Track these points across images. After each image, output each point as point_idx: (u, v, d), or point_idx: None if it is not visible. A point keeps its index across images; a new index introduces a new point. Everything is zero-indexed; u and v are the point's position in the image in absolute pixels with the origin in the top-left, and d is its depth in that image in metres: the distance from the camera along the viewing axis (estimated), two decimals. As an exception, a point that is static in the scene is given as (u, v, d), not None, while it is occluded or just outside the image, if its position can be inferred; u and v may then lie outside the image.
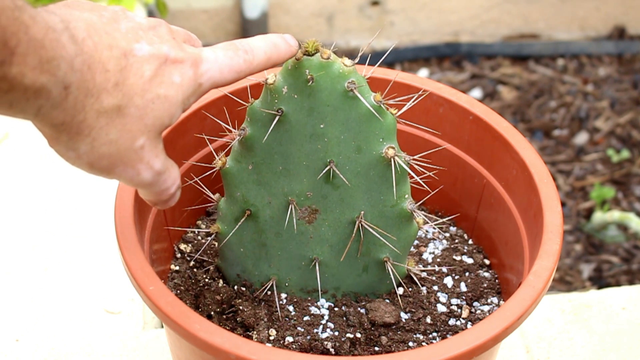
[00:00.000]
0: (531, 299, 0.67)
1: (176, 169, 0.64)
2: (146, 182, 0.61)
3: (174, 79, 0.59)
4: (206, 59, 0.62)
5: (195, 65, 0.61)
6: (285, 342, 0.75)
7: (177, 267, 0.81)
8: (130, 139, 0.58)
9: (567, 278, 1.54)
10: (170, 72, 0.59)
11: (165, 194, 0.64)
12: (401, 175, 0.73)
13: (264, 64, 0.65)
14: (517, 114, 1.86)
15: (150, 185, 0.62)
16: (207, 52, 0.62)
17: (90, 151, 0.57)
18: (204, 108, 0.81)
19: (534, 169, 0.77)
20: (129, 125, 0.57)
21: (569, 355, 0.96)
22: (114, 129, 0.57)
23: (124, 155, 0.58)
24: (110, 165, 0.59)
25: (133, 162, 0.59)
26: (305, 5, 1.96)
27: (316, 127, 0.71)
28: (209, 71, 0.61)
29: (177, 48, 0.60)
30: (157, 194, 0.64)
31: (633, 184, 1.72)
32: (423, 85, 0.84)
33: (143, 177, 0.61)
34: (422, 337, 0.77)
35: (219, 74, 0.62)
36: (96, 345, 0.96)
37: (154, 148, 0.60)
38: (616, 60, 1.99)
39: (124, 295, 1.02)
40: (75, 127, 0.56)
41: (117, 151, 0.58)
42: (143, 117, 0.58)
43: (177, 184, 0.65)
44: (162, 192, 0.64)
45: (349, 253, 0.77)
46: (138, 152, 0.59)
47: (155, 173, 0.61)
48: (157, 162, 0.61)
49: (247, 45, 0.64)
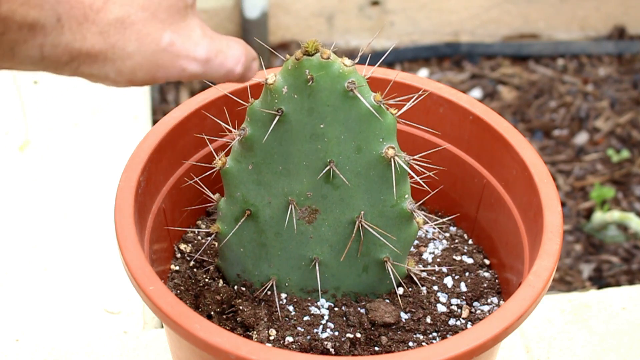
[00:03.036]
0: (531, 299, 0.67)
1: (236, 46, 0.59)
2: (198, 73, 0.57)
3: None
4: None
5: None
6: (285, 342, 0.75)
7: (177, 267, 0.81)
8: (154, 42, 0.54)
9: (567, 278, 1.54)
10: None
11: (233, 76, 0.59)
12: (401, 175, 0.73)
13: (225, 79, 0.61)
14: (517, 114, 1.86)
15: (206, 74, 0.57)
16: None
17: (120, 71, 0.54)
18: (204, 108, 0.82)
19: (534, 169, 0.77)
20: (143, 29, 0.54)
21: (569, 355, 0.96)
22: (129, 41, 0.54)
23: (157, 59, 0.55)
24: (150, 74, 0.55)
25: (170, 61, 0.55)
26: (305, 5, 1.96)
27: (316, 127, 0.71)
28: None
29: None
30: (224, 79, 0.59)
31: (633, 184, 1.72)
32: (423, 85, 0.84)
33: (190, 70, 0.56)
34: (422, 337, 0.77)
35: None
36: (96, 345, 0.96)
37: (188, 37, 0.56)
38: (616, 60, 1.99)
39: (124, 295, 1.02)
40: (88, 57, 0.53)
41: (146, 59, 0.54)
42: (154, 14, 0.55)
43: (242, 62, 0.59)
44: (226, 75, 0.59)
45: (349, 253, 0.77)
46: (170, 50, 0.55)
47: (202, 62, 0.56)
48: (200, 49, 0.56)
49: None
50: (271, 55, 1.99)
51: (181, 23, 0.56)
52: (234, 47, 0.59)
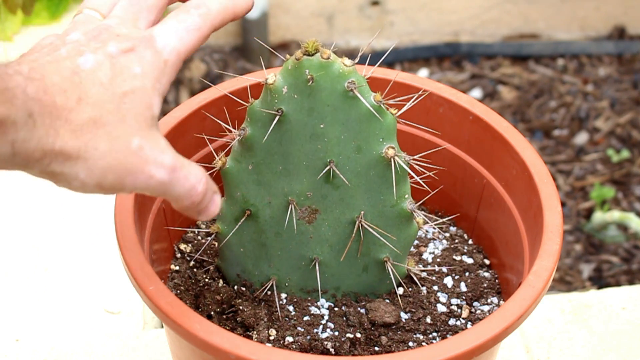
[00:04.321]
0: (531, 299, 0.67)
1: (197, 167, 0.59)
2: (164, 181, 0.57)
3: (135, 71, 0.56)
4: (158, 34, 0.58)
5: (149, 46, 0.57)
6: (285, 342, 0.75)
7: (177, 267, 0.81)
8: (124, 144, 0.55)
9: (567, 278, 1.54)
10: (128, 65, 0.56)
11: (196, 194, 0.59)
12: (401, 175, 0.73)
13: (222, 14, 0.61)
14: (517, 114, 1.86)
15: (171, 185, 0.57)
16: (157, 28, 0.59)
17: (90, 172, 0.55)
18: (204, 108, 0.82)
19: (534, 169, 0.77)
20: (114, 131, 0.55)
21: (569, 355, 0.96)
22: (101, 141, 0.54)
23: (127, 162, 0.55)
24: (119, 178, 0.55)
25: (139, 165, 0.56)
26: (305, 5, 1.96)
27: (316, 127, 0.71)
28: (168, 43, 0.58)
29: (123, 41, 0.57)
30: (187, 197, 0.59)
31: (633, 184, 1.72)
32: (423, 85, 0.84)
33: (158, 177, 0.56)
34: (422, 337, 0.77)
35: (178, 41, 0.59)
36: (96, 345, 0.96)
37: (155, 145, 0.57)
38: (616, 60, 1.99)
39: (124, 295, 1.02)
40: (61, 154, 0.54)
41: (117, 161, 0.55)
42: (123, 119, 0.55)
43: (204, 182, 0.59)
44: (190, 192, 0.59)
45: (349, 253, 0.77)
46: (139, 154, 0.56)
47: (169, 169, 0.57)
48: (166, 157, 0.57)
49: (197, 2, 0.61)
50: (271, 55, 1.99)
51: (148, 131, 0.57)
52: (196, 167, 0.59)
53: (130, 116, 0.56)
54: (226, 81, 0.84)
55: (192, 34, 0.60)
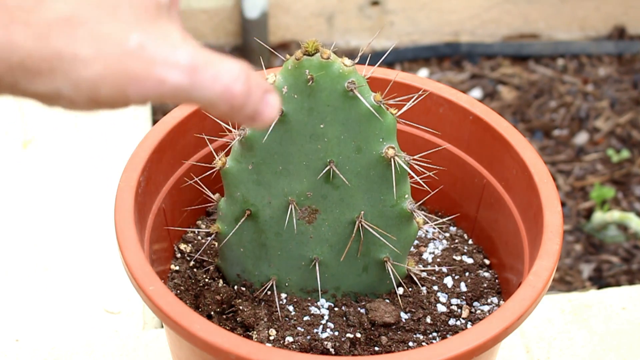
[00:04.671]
0: (531, 299, 0.67)
1: (232, 62, 0.46)
2: (183, 85, 0.44)
3: None
4: None
5: None
6: (285, 342, 0.75)
7: (177, 267, 0.81)
8: (116, 44, 0.43)
9: (567, 278, 1.54)
10: None
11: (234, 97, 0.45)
12: (401, 175, 0.73)
13: None
14: (517, 114, 1.86)
15: (195, 90, 0.45)
16: None
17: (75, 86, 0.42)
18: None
19: (534, 169, 0.77)
20: (101, 28, 0.42)
21: (569, 355, 0.96)
22: (82, 43, 0.42)
23: (125, 67, 0.43)
24: (118, 88, 0.43)
25: (143, 69, 0.43)
26: (305, 5, 1.96)
27: (316, 127, 0.71)
28: None
29: None
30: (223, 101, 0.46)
31: (633, 184, 1.72)
32: (423, 85, 0.84)
33: (172, 81, 0.44)
34: (422, 337, 0.77)
35: None
36: (96, 345, 0.96)
37: (164, 40, 0.44)
38: (616, 60, 1.99)
39: (124, 295, 1.02)
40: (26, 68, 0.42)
41: (109, 67, 0.42)
42: (113, 11, 0.43)
43: (242, 80, 0.46)
44: (224, 95, 0.45)
45: (349, 253, 0.77)
46: (140, 54, 0.43)
47: (187, 69, 0.44)
48: (181, 53, 0.44)
49: None
50: (271, 55, 1.99)
51: (153, 22, 0.45)
52: (229, 62, 0.46)
53: (124, 8, 0.44)
54: (226, 81, 0.84)
55: None
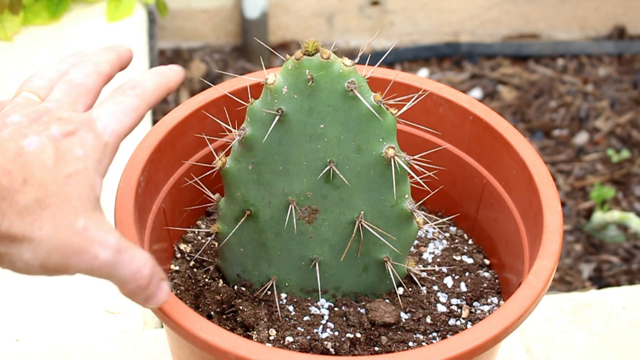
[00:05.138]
0: (531, 299, 0.67)
1: (142, 251, 0.59)
2: (109, 262, 0.57)
3: (77, 153, 0.57)
4: (98, 117, 0.59)
5: (90, 129, 0.58)
6: (285, 342, 0.75)
7: (177, 267, 0.81)
8: (68, 225, 0.56)
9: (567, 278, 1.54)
10: (70, 148, 0.57)
11: (141, 278, 0.59)
12: (401, 175, 0.73)
13: (157, 91, 0.63)
14: (517, 114, 1.86)
15: (116, 267, 0.57)
16: (96, 111, 0.60)
17: (35, 253, 0.55)
18: (204, 108, 0.82)
19: (534, 169, 0.77)
20: (59, 212, 0.56)
21: (569, 355, 0.96)
22: (46, 222, 0.55)
23: (72, 243, 0.56)
24: (64, 259, 0.56)
25: (84, 245, 0.56)
26: (305, 5, 1.96)
27: (316, 127, 0.71)
28: (107, 126, 0.59)
29: (65, 124, 0.58)
30: (132, 280, 0.59)
31: (633, 184, 1.72)
32: (423, 85, 0.84)
33: (103, 257, 0.57)
34: (422, 337, 0.77)
35: (117, 123, 0.60)
36: (96, 345, 0.96)
37: (100, 226, 0.57)
38: (616, 60, 1.99)
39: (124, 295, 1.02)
40: (7, 236, 0.55)
41: (61, 241, 0.56)
42: (68, 200, 0.56)
43: (149, 266, 0.59)
44: (135, 275, 0.58)
45: (349, 253, 0.77)
46: (83, 235, 0.56)
47: (114, 250, 0.57)
48: (111, 238, 0.57)
49: (132, 82, 0.62)
50: (271, 55, 1.99)
51: (92, 212, 0.57)
52: (141, 251, 0.59)
53: (75, 197, 0.56)
54: (226, 81, 0.84)
55: (130, 115, 0.61)
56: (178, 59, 1.96)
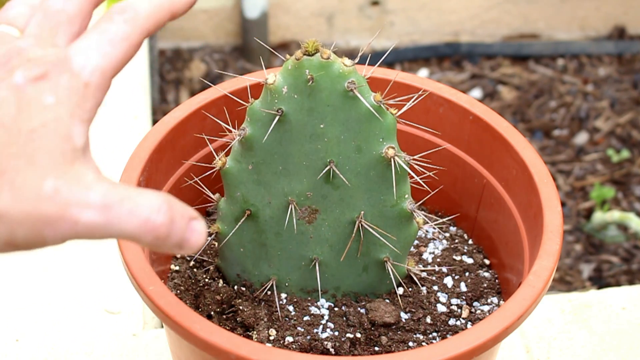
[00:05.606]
0: (531, 299, 0.67)
1: (151, 194, 0.49)
2: (98, 223, 0.47)
3: (46, 101, 0.48)
4: (76, 52, 0.49)
5: (64, 69, 0.49)
6: (285, 342, 0.75)
7: (177, 267, 0.81)
8: (32, 190, 0.46)
9: (567, 278, 1.54)
10: (37, 96, 0.48)
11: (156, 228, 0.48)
12: (401, 175, 0.73)
13: (155, 15, 0.52)
14: (517, 114, 1.86)
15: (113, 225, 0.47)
16: (75, 45, 0.50)
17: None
18: (204, 108, 0.82)
19: (534, 169, 0.77)
20: (18, 178, 0.46)
21: (569, 355, 0.96)
22: (2, 192, 0.46)
23: (39, 211, 0.46)
24: (34, 231, 0.46)
25: (57, 212, 0.46)
26: (305, 5, 1.96)
27: (316, 127, 0.71)
28: (87, 62, 0.49)
29: (33, 67, 0.48)
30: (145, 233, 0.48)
31: (633, 184, 1.72)
32: (423, 85, 0.84)
33: (86, 220, 0.46)
34: (422, 337, 0.77)
35: (101, 57, 0.50)
36: (96, 345, 0.96)
37: (77, 182, 0.47)
38: (616, 60, 1.99)
39: (124, 295, 1.02)
40: None
41: (26, 214, 0.46)
42: (31, 161, 0.46)
43: (164, 210, 0.48)
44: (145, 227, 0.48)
45: (349, 253, 0.77)
46: (54, 198, 0.46)
47: (100, 208, 0.47)
48: (93, 194, 0.47)
49: (121, 5, 0.51)
50: (271, 55, 1.99)
51: (69, 167, 0.47)
52: (149, 195, 0.48)
53: (41, 155, 0.47)
54: (226, 81, 0.84)
55: (118, 46, 0.50)
56: (178, 59, 1.96)
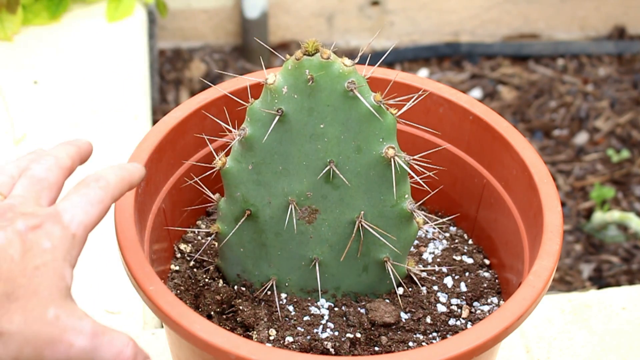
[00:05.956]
0: (531, 299, 0.67)
1: (122, 333, 0.59)
2: (86, 348, 0.57)
3: (44, 245, 0.57)
4: (64, 210, 0.59)
5: (56, 222, 0.58)
6: (285, 342, 0.75)
7: (177, 267, 0.81)
8: (39, 316, 0.56)
9: (567, 278, 1.54)
10: (37, 240, 0.57)
11: (124, 354, 0.58)
12: (401, 175, 0.73)
13: (120, 185, 0.63)
14: (517, 114, 1.86)
15: (95, 351, 0.57)
16: (62, 204, 0.60)
17: (6, 346, 0.55)
18: (204, 108, 0.82)
19: (534, 169, 0.77)
20: (28, 304, 0.55)
21: (569, 355, 0.96)
22: (15, 315, 0.55)
23: (44, 333, 0.56)
24: (37, 350, 0.55)
25: (57, 335, 0.56)
26: (305, 5, 1.96)
27: (316, 127, 0.71)
28: (74, 218, 0.59)
29: (31, 218, 0.58)
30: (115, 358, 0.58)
31: (633, 184, 1.72)
32: (423, 85, 0.84)
33: (79, 345, 0.56)
34: (422, 337, 0.77)
35: (84, 214, 0.59)
36: (96, 345, 0.96)
37: (72, 314, 0.57)
38: (616, 60, 1.99)
39: (124, 295, 1.02)
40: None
41: (33, 333, 0.55)
42: (36, 291, 0.56)
43: (131, 345, 0.59)
44: (118, 357, 0.58)
45: (349, 253, 0.77)
46: (56, 324, 0.56)
47: (89, 335, 0.57)
48: (85, 324, 0.57)
49: (95, 176, 0.62)
50: (271, 55, 1.99)
51: (64, 301, 0.57)
52: (120, 332, 0.59)
53: (44, 288, 0.56)
54: (226, 81, 0.84)
55: (95, 207, 0.60)
56: (178, 59, 1.96)
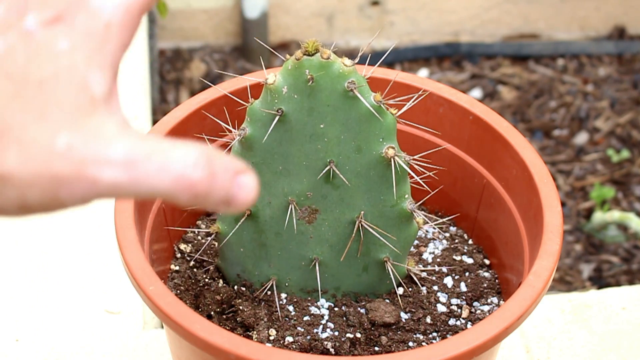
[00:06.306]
0: (531, 299, 0.67)
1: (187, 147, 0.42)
2: (122, 182, 0.40)
3: (60, 47, 0.42)
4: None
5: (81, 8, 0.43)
6: (285, 342, 0.75)
7: (177, 267, 0.81)
8: (43, 147, 0.40)
9: (567, 278, 1.54)
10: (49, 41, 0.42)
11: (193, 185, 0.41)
12: (401, 175, 0.73)
13: None
14: (517, 114, 1.86)
15: (140, 183, 0.41)
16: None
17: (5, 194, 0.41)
18: (204, 108, 0.82)
19: (534, 169, 0.77)
20: (26, 134, 0.40)
21: (569, 355, 0.96)
22: (9, 150, 0.40)
23: (52, 170, 0.40)
24: (50, 194, 0.40)
25: (72, 171, 0.40)
26: (305, 5, 1.96)
27: (316, 127, 0.71)
28: None
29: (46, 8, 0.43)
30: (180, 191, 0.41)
31: (633, 184, 1.72)
32: (423, 85, 0.84)
33: (108, 179, 0.40)
34: (422, 337, 0.77)
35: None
36: (96, 345, 0.96)
37: (95, 137, 0.41)
38: (616, 60, 1.99)
39: (124, 295, 1.02)
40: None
41: (37, 174, 0.40)
42: (41, 115, 0.41)
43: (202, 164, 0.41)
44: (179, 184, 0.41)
45: (349, 253, 0.77)
46: (69, 155, 0.40)
47: (123, 164, 0.40)
48: (115, 150, 0.40)
49: None
50: (271, 55, 1.99)
51: (86, 119, 0.41)
52: (184, 148, 0.42)
53: (52, 108, 0.41)
54: (226, 81, 0.84)
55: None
56: (178, 59, 1.96)
